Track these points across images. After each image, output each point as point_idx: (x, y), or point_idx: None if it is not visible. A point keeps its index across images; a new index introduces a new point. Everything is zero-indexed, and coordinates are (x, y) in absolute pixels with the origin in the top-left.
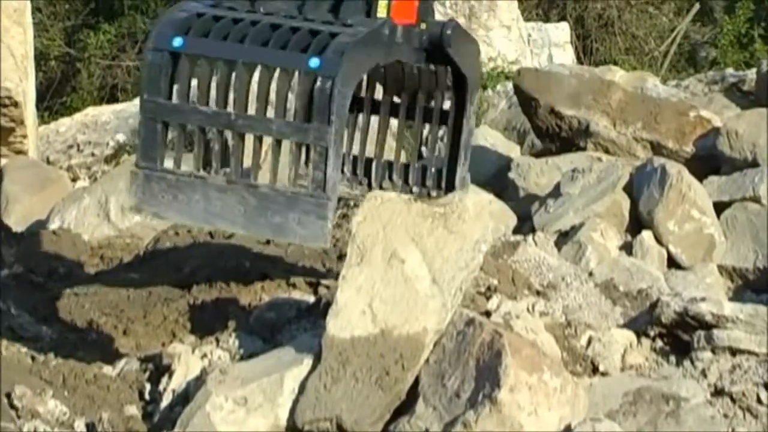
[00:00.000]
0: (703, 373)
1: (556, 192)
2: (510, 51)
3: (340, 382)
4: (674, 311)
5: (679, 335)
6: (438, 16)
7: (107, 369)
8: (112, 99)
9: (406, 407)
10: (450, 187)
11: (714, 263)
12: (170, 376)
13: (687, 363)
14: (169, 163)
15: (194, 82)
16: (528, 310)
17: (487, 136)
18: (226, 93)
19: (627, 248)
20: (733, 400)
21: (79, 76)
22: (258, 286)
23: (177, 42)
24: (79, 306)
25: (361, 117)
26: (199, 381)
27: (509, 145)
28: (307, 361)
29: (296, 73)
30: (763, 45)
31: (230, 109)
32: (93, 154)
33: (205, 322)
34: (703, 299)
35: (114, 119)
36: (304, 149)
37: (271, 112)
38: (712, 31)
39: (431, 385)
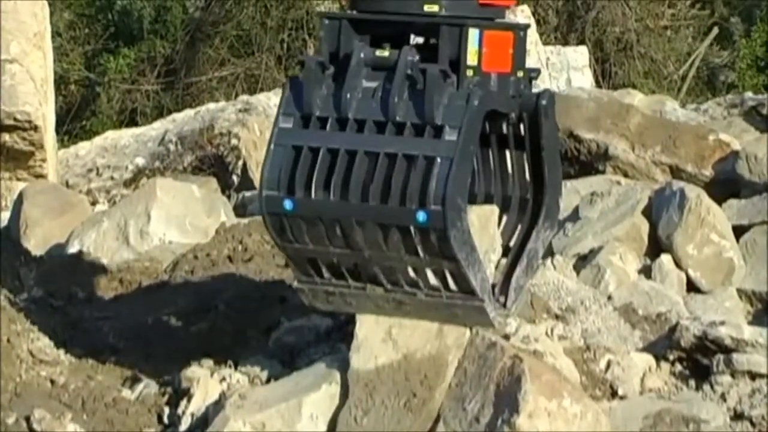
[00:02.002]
0: (723, 397)
1: (574, 215)
2: None
3: (370, 412)
4: (693, 335)
5: (698, 359)
6: None
7: (126, 393)
8: (132, 123)
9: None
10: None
11: (733, 287)
12: (189, 400)
13: (706, 387)
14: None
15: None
16: (547, 333)
17: None
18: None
19: (646, 272)
20: (753, 425)
21: (99, 100)
22: (277, 310)
23: (288, 205)
24: (98, 330)
25: None
26: (218, 405)
27: None
28: (326, 387)
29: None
30: None
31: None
32: (112, 178)
33: (224, 346)
34: (722, 323)
35: (133, 143)
36: None
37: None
38: (731, 54)
39: (452, 408)
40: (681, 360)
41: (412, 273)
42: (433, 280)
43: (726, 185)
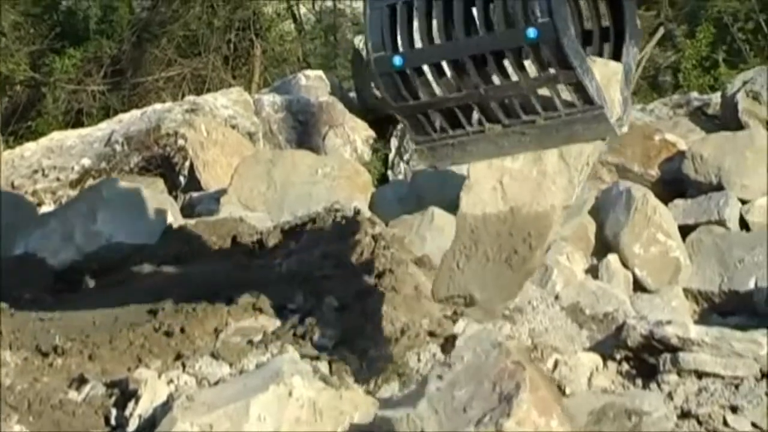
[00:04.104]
0: (670, 396)
1: None
2: None
3: (472, 260)
4: (640, 334)
5: (645, 358)
6: None
7: (73, 394)
8: (78, 123)
9: (407, 400)
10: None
11: (680, 286)
12: (136, 402)
13: (653, 386)
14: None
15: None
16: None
17: None
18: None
19: (593, 272)
20: (700, 423)
21: (45, 101)
22: (224, 311)
23: (398, 61)
24: (45, 331)
25: None
26: (166, 407)
27: None
28: (273, 387)
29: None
30: (726, 69)
31: (480, 89)
32: (58, 179)
33: (171, 348)
34: (668, 322)
35: (79, 144)
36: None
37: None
38: (676, 55)
39: (439, 389)
40: (628, 359)
41: (531, 98)
42: (553, 98)
43: (672, 185)
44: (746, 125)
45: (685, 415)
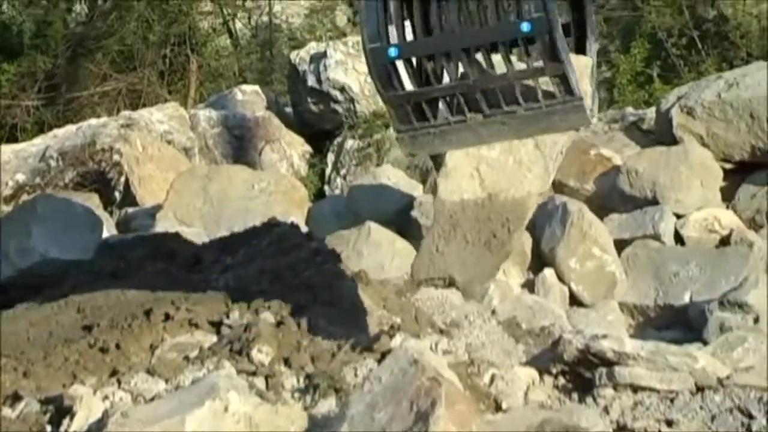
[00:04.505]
0: (606, 410)
1: None
2: None
3: (452, 243)
4: (576, 348)
5: (581, 372)
6: (339, 55)
7: (7, 411)
8: (12, 139)
9: (329, 423)
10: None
11: (615, 300)
12: (71, 419)
13: (589, 400)
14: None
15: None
16: (431, 348)
17: (390, 175)
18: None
19: (529, 286)
20: None
21: None
22: (160, 327)
23: (393, 52)
24: None
25: None
26: (101, 423)
27: (412, 183)
28: (209, 403)
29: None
30: (661, 84)
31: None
32: None
33: (106, 364)
34: (604, 336)
35: (13, 159)
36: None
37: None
38: (610, 70)
39: (359, 412)
40: (564, 373)
41: (514, 89)
42: (534, 89)
43: (608, 199)
44: (681, 140)
45: (621, 429)
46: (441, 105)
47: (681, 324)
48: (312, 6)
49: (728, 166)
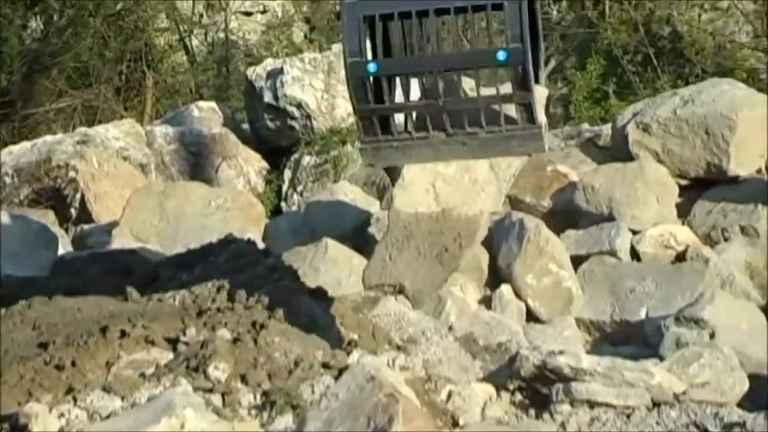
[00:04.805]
0: (563, 426)
1: None
2: None
3: (404, 253)
4: (533, 364)
5: (538, 388)
6: (296, 72)
7: None
8: None
9: None
10: None
11: (572, 316)
12: None
13: (546, 416)
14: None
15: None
16: (388, 364)
17: (347, 191)
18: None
19: (486, 302)
20: None
21: None
22: (116, 344)
23: (373, 68)
24: None
25: None
26: None
27: (369, 200)
28: (166, 420)
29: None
30: (617, 100)
31: (440, 100)
32: None
33: (62, 381)
34: (561, 352)
35: None
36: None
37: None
38: (567, 87)
39: (317, 429)
40: (521, 389)
41: (480, 112)
42: (498, 114)
43: (564, 216)
44: (636, 157)
45: None
46: (400, 120)
47: (637, 340)
48: (269, 22)
49: (684, 182)
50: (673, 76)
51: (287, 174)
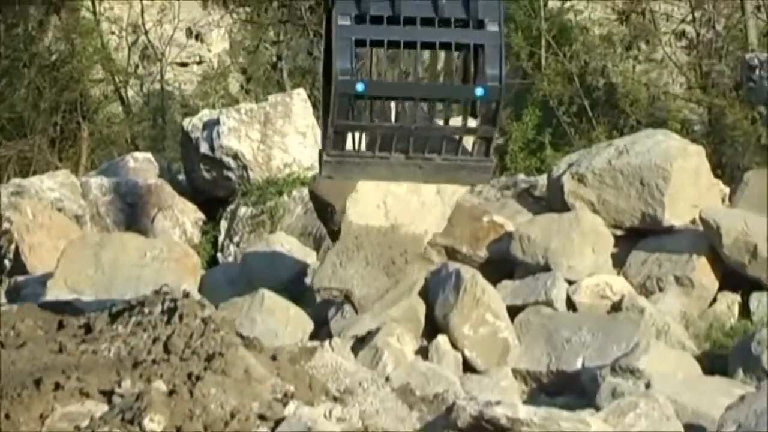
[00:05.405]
0: None
1: None
2: (305, 157)
3: (353, 261)
4: (470, 415)
5: None
6: (232, 122)
7: None
8: None
9: None
10: None
11: (509, 367)
12: None
13: None
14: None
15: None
16: (325, 416)
17: (284, 242)
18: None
19: (423, 352)
20: None
21: None
22: (51, 396)
23: (360, 87)
24: None
25: None
26: None
27: (305, 250)
28: None
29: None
30: (552, 151)
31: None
32: None
33: None
34: (498, 402)
35: None
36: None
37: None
38: (502, 137)
39: None
40: None
41: (443, 140)
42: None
43: (500, 266)
44: (572, 207)
45: None
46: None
47: (573, 390)
48: (205, 73)
49: (619, 232)
50: (608, 126)
51: (223, 225)
